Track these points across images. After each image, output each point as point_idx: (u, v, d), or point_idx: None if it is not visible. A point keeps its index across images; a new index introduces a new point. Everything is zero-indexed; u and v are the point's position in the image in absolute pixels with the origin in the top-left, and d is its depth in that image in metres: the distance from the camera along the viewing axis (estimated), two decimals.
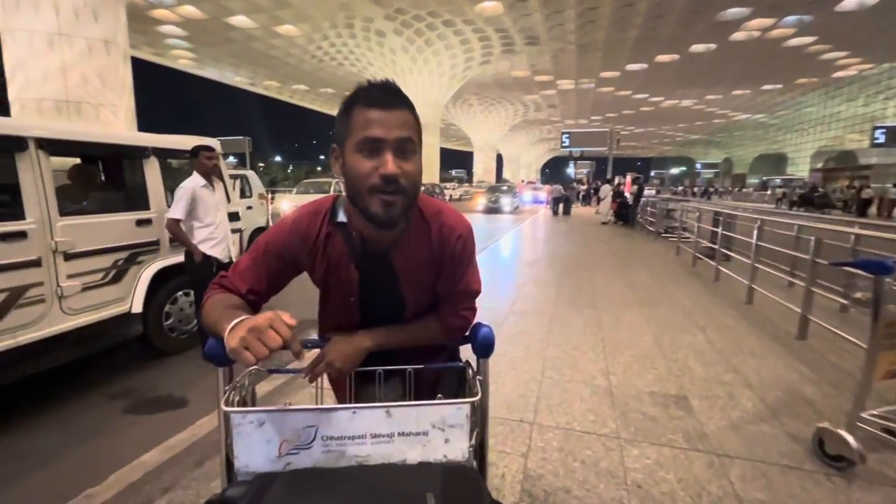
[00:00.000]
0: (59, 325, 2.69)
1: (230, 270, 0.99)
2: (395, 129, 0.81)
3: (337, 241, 0.95)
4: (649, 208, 12.44)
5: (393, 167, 0.80)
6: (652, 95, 32.53)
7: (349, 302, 1.00)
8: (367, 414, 0.78)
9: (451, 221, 0.97)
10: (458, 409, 0.81)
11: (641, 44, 20.53)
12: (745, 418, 2.43)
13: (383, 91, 0.83)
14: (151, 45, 21.82)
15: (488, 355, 1.00)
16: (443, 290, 1.02)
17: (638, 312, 4.46)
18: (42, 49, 7.28)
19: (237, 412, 0.78)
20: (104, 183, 3.52)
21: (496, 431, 2.29)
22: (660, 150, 74.28)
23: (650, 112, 38.87)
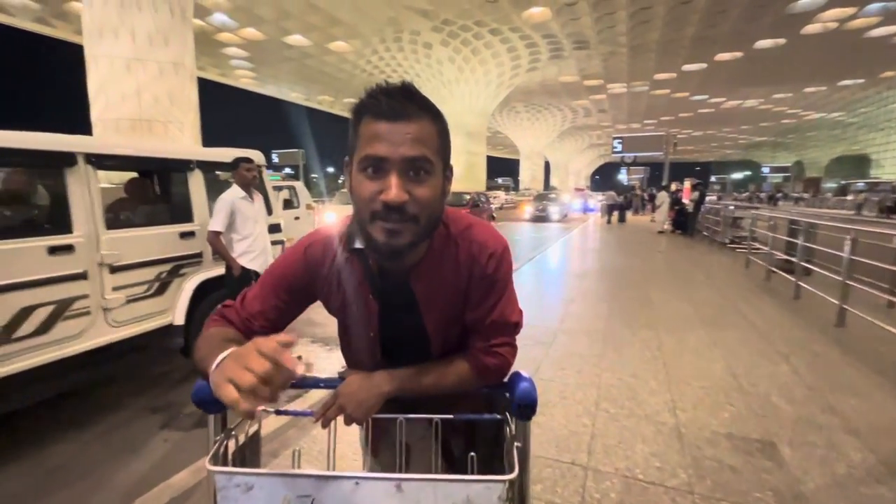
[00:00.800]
0: (104, 338, 2.71)
1: (237, 299, 0.87)
2: (403, 146, 0.67)
3: (353, 268, 0.83)
4: (712, 216, 11.52)
5: (397, 193, 0.66)
6: (712, 96, 30.66)
7: (368, 337, 0.87)
8: (374, 486, 0.64)
9: (481, 238, 0.82)
10: (487, 488, 0.63)
11: (700, 43, 19.37)
12: (853, 476, 1.99)
13: (393, 98, 0.68)
14: (217, 66, 23.38)
15: (528, 417, 0.80)
16: (473, 320, 0.85)
17: (704, 334, 3.98)
18: (120, 73, 7.91)
19: (222, 473, 0.65)
20: (153, 196, 3.61)
21: (543, 475, 2.02)
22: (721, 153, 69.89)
23: (710, 114, 36.65)
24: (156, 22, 8.02)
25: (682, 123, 41.22)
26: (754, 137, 52.47)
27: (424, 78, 23.54)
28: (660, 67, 23.26)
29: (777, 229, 6.68)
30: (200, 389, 0.75)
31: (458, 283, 0.82)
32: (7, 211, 2.53)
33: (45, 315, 2.41)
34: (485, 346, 0.85)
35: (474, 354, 0.86)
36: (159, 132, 8.20)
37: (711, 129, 45.10)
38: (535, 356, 3.49)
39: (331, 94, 30.43)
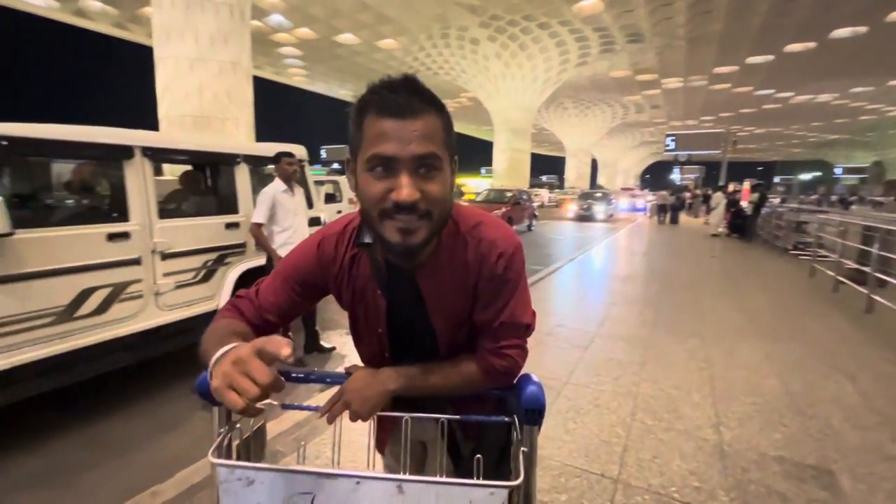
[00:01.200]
0: (154, 320, 2.89)
1: (251, 290, 0.88)
2: (412, 143, 0.65)
3: (363, 263, 0.83)
4: (774, 220, 10.70)
5: (408, 193, 0.65)
6: (779, 91, 28.40)
7: (377, 333, 0.87)
8: (375, 486, 0.63)
9: (491, 236, 0.79)
10: (490, 493, 0.61)
11: (767, 33, 17.98)
12: None
13: (399, 93, 0.66)
14: (272, 65, 24.40)
15: (536, 423, 0.77)
16: (482, 320, 0.83)
17: (758, 347, 3.70)
18: (184, 72, 8.43)
19: (224, 466, 0.65)
20: (204, 188, 3.80)
21: (570, 485, 1.94)
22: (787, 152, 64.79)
23: (776, 110, 34.01)
24: (217, 23, 8.46)
25: (744, 120, 38.57)
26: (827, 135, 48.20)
27: (470, 74, 23.43)
28: (721, 60, 21.83)
29: (848, 235, 6.09)
30: (204, 381, 0.75)
31: (467, 282, 0.80)
32: (73, 199, 2.74)
33: (103, 297, 2.60)
34: (494, 347, 0.82)
35: (482, 355, 0.83)
36: (217, 128, 8.67)
37: (777, 126, 41.91)
38: (570, 360, 3.37)
39: None
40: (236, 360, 0.56)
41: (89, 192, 2.88)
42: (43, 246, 2.33)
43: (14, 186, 2.42)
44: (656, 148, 52.31)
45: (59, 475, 2.12)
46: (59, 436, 2.43)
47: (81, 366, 2.54)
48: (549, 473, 2.02)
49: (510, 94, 23.26)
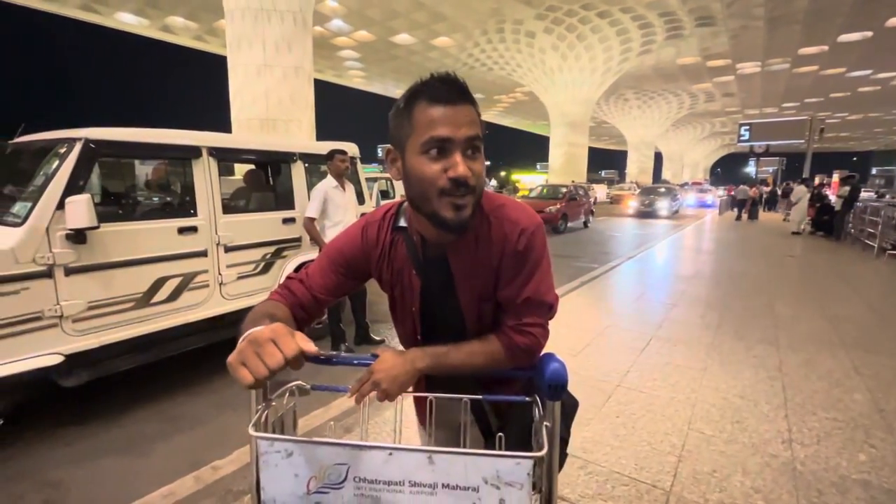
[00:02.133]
0: (219, 308, 3.12)
1: (301, 272, 0.96)
2: (463, 126, 0.74)
3: (400, 246, 0.91)
4: (867, 216, 9.52)
5: (464, 169, 0.73)
6: (877, 71, 25.15)
7: (411, 312, 0.94)
8: (406, 457, 0.68)
9: (514, 215, 0.84)
10: (517, 463, 0.66)
11: (864, 6, 15.97)
12: None
13: (447, 84, 0.75)
14: (333, 68, 25.41)
15: (558, 398, 0.81)
16: (506, 297, 0.87)
17: (844, 358, 3.31)
18: (253, 78, 9.01)
19: (264, 438, 0.71)
20: (264, 185, 4.03)
21: (617, 493, 1.84)
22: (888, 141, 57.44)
23: (874, 93, 30.18)
24: (282, 31, 8.94)
25: (834, 105, 34.64)
26: None
27: (526, 68, 22.99)
28: (807, 40, 19.70)
29: None
30: None
31: (491, 260, 0.85)
32: (149, 196, 3.01)
33: (175, 285, 2.84)
34: (516, 324, 0.86)
35: (505, 332, 0.87)
36: (282, 130, 9.19)
37: (876, 111, 37.20)
38: (623, 362, 3.21)
39: None
40: (253, 339, 0.62)
41: (163, 189, 3.15)
42: (123, 238, 2.58)
43: (100, 184, 2.70)
44: (728, 139, 48.49)
45: (137, 445, 2.35)
46: (138, 410, 2.69)
47: (157, 347, 2.79)
48: (594, 479, 1.93)
49: (567, 87, 22.57)
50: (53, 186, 2.32)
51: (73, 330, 2.40)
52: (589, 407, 2.55)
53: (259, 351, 0.60)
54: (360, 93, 31.49)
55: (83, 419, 2.57)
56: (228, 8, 8.88)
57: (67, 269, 2.35)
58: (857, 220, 10.11)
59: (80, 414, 2.62)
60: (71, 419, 2.56)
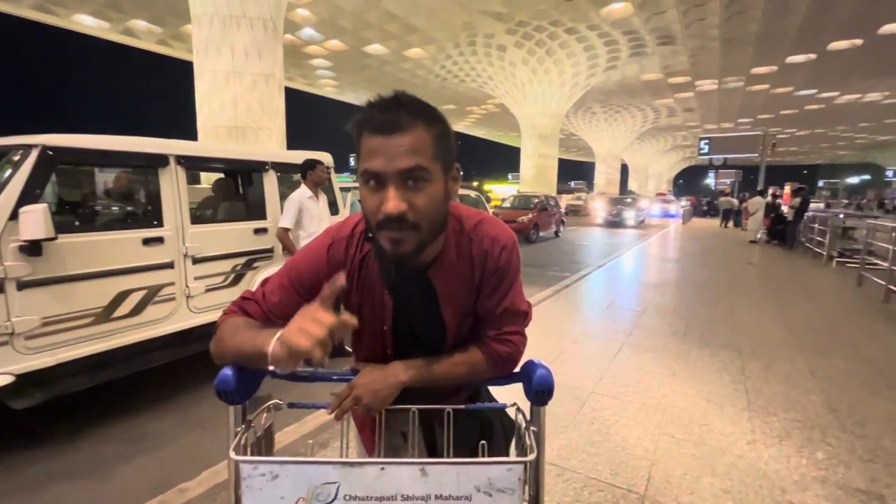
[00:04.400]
0: (186, 322, 3.00)
1: (256, 291, 0.89)
2: (398, 158, 0.69)
3: (371, 266, 0.87)
4: (817, 225, 10.15)
5: (395, 205, 0.69)
6: (822, 91, 27.01)
7: (382, 331, 0.90)
8: (398, 471, 0.67)
9: (493, 232, 0.86)
10: (508, 469, 0.68)
11: (809, 31, 17.16)
12: None
13: (385, 112, 0.71)
14: (303, 76, 25.13)
15: (545, 403, 0.84)
16: (485, 310, 0.89)
17: (800, 361, 3.49)
18: (221, 84, 8.78)
19: (247, 462, 0.67)
20: (234, 195, 3.93)
21: (594, 499, 1.87)
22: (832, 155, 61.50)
23: (819, 111, 32.34)
24: (252, 38, 8.79)
25: (785, 122, 36.90)
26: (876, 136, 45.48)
27: (497, 80, 23.42)
28: (758, 61, 20.98)
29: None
30: (225, 379, 0.78)
31: (472, 275, 0.86)
32: (112, 205, 2.88)
33: (139, 299, 2.71)
34: (496, 334, 0.88)
35: (486, 343, 0.89)
36: (251, 138, 8.99)
37: (820, 127, 39.86)
38: (596, 370, 3.27)
39: None
40: (303, 311, 0.64)
41: (127, 199, 3.03)
42: (83, 250, 2.45)
43: (58, 193, 2.56)
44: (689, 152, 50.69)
45: (96, 468, 2.21)
46: (99, 430, 2.54)
47: (119, 364, 2.65)
48: (571, 486, 1.95)
49: (537, 99, 23.10)
50: (6, 196, 2.18)
51: (25, 348, 2.25)
52: (565, 415, 2.58)
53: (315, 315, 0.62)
54: (331, 102, 31.25)
55: (36, 443, 2.40)
56: (196, 13, 8.68)
57: (20, 283, 2.21)
58: (807, 230, 10.75)
59: (33, 437, 2.45)
60: (22, 443, 2.39)
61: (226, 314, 0.85)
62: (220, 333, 0.80)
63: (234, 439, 0.76)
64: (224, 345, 0.79)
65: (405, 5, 15.67)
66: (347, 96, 30.30)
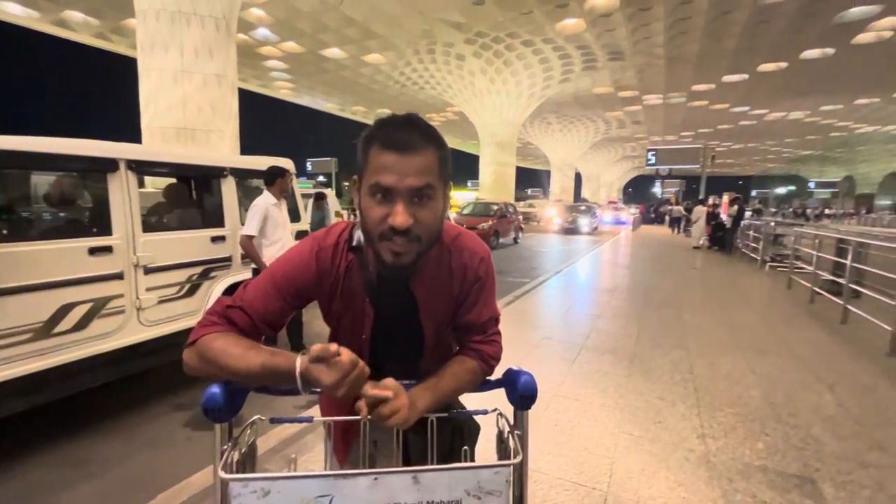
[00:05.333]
0: (137, 336, 2.82)
1: (239, 298, 0.86)
2: (409, 176, 0.73)
3: (354, 274, 0.88)
4: (752, 232, 11.01)
5: (403, 219, 0.73)
6: (753, 108, 29.42)
7: (360, 339, 0.91)
8: (391, 480, 0.68)
9: (472, 245, 0.92)
10: (496, 472, 0.72)
11: (741, 54, 18.68)
12: None
13: (401, 130, 0.75)
14: (258, 78, 24.33)
15: (529, 407, 0.88)
16: (470, 319, 0.94)
17: (741, 358, 3.77)
18: (168, 84, 8.35)
19: (237, 479, 0.66)
20: (188, 201, 3.75)
21: (560, 498, 1.94)
22: (762, 167, 66.93)
23: (751, 126, 35.19)
24: (203, 36, 8.44)
25: (722, 136, 39.82)
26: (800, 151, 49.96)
27: (456, 89, 23.72)
28: (698, 78, 22.58)
29: (823, 248, 6.30)
30: (212, 398, 0.76)
31: (452, 287, 0.90)
32: (54, 213, 2.68)
33: (83, 312, 2.53)
34: (483, 337, 0.94)
35: (474, 348, 0.94)
36: (201, 140, 8.60)
37: (753, 141, 43.33)
38: (558, 373, 3.39)
39: (364, 105, 31.07)
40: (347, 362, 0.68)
41: (70, 206, 2.82)
42: (20, 260, 2.27)
43: None
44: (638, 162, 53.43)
45: (36, 497, 2.04)
46: (37, 455, 2.34)
47: (61, 383, 2.46)
48: (539, 487, 2.01)
49: (495, 108, 23.60)
50: None
51: None
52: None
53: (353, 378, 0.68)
54: (287, 104, 30.43)
55: None
56: (141, 8, 8.23)
57: None
58: (743, 237, 11.62)
59: None
60: None
61: (206, 326, 0.81)
62: (209, 348, 0.77)
63: (221, 458, 0.75)
64: (218, 362, 0.75)
65: (364, 10, 15.60)
66: (304, 99, 29.64)
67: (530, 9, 15.26)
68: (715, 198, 15.26)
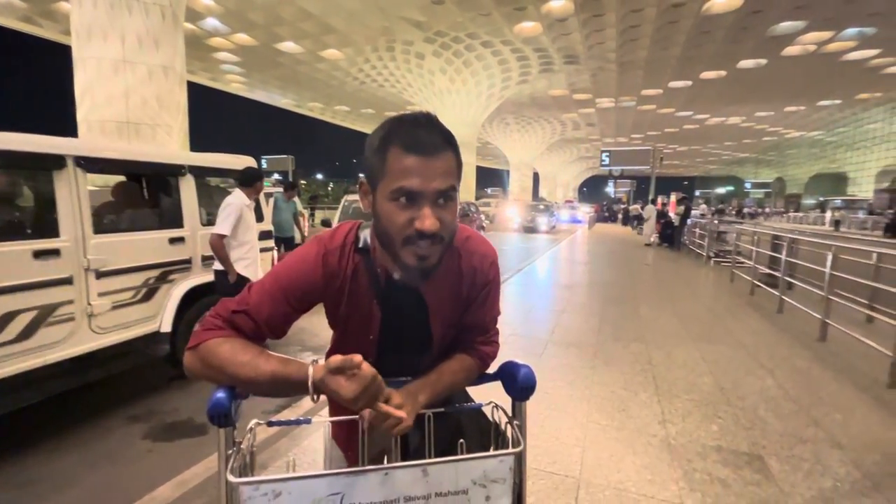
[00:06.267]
0: (88, 344, 2.65)
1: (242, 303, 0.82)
2: (436, 179, 0.72)
3: (361, 276, 0.86)
4: (698, 230, 11.74)
5: (432, 223, 0.71)
6: (696, 113, 31.38)
7: (367, 340, 0.90)
8: (401, 474, 0.71)
9: (482, 249, 0.93)
10: (500, 461, 0.75)
11: (685, 61, 19.86)
12: (839, 489, 2.03)
13: (424, 132, 0.73)
14: (208, 71, 23.17)
15: (528, 398, 0.92)
16: (476, 320, 0.96)
17: (693, 348, 4.04)
18: (108, 75, 7.79)
19: (247, 483, 0.66)
20: (142, 201, 3.55)
21: (536, 487, 2.01)
22: (705, 168, 71.45)
23: (695, 130, 37.48)
24: (146, 25, 7.95)
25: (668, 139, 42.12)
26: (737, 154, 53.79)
27: (416, 88, 23.67)
28: (647, 84, 23.76)
29: (760, 244, 6.83)
30: (218, 404, 0.74)
31: (461, 289, 0.91)
32: None
33: (28, 321, 2.35)
34: (485, 338, 0.98)
35: (474, 348, 0.97)
36: (147, 136, 8.10)
37: (696, 144, 46.15)
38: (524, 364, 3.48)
39: (322, 101, 30.35)
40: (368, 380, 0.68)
41: (11, 206, 2.60)
42: None
43: None
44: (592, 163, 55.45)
45: None
46: None
47: (4, 398, 2.27)
48: None
49: (455, 108, 23.75)
50: None
51: None
52: None
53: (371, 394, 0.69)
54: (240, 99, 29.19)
55: None
56: None
57: None
58: (690, 234, 12.36)
59: None
60: None
61: (210, 329, 0.78)
62: (213, 353, 0.75)
63: (230, 462, 0.74)
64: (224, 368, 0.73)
65: (322, 4, 15.23)
66: (258, 94, 28.55)
67: (489, 10, 15.46)
68: (663, 197, 16.12)
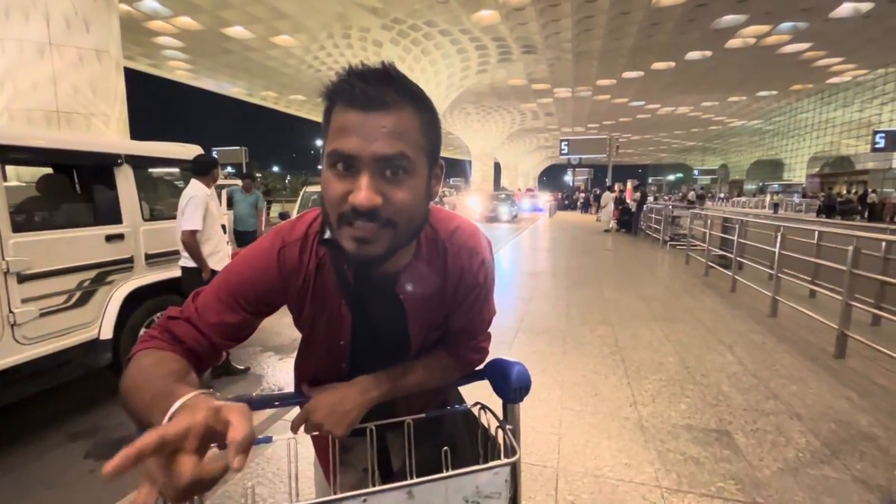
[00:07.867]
0: (12, 357, 2.35)
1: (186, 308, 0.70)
2: (377, 140, 0.56)
3: (327, 272, 0.73)
4: (653, 215, 12.18)
5: (367, 196, 0.56)
6: (648, 103, 32.57)
7: (338, 346, 0.78)
8: (383, 499, 0.62)
9: (471, 243, 0.77)
10: (494, 474, 0.67)
11: (637, 52, 20.49)
12: (802, 459, 2.10)
13: (368, 83, 0.57)
14: (148, 56, 21.66)
15: (522, 399, 0.83)
16: (462, 324, 0.83)
17: (656, 328, 4.14)
18: (32, 59, 7.03)
19: None
20: (72, 195, 3.20)
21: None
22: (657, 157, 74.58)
23: (647, 119, 38.93)
24: (74, 4, 7.23)
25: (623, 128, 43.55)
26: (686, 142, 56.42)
27: None
28: (602, 74, 24.36)
29: (712, 227, 7.14)
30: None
31: (446, 289, 0.77)
32: None
33: None
34: (472, 344, 0.87)
35: (458, 352, 0.86)
36: (80, 125, 7.41)
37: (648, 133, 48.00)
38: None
39: (275, 90, 29.13)
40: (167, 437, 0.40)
41: None
42: None
43: None
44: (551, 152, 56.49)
45: None
46: None
47: None
48: None
49: None
50: None
51: None
52: None
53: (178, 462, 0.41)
54: (187, 87, 27.54)
55: None
56: None
57: None
58: (646, 219, 12.82)
59: None
60: None
61: (143, 342, 0.65)
62: (129, 377, 0.59)
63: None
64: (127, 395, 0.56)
65: None
66: (206, 82, 27.01)
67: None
68: (620, 185, 16.63)
